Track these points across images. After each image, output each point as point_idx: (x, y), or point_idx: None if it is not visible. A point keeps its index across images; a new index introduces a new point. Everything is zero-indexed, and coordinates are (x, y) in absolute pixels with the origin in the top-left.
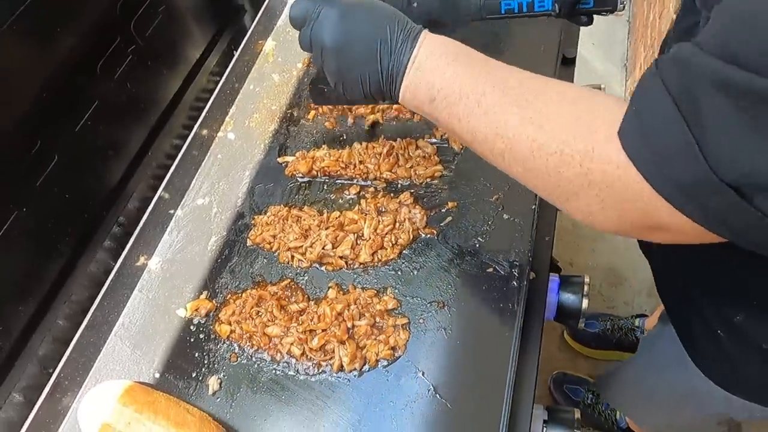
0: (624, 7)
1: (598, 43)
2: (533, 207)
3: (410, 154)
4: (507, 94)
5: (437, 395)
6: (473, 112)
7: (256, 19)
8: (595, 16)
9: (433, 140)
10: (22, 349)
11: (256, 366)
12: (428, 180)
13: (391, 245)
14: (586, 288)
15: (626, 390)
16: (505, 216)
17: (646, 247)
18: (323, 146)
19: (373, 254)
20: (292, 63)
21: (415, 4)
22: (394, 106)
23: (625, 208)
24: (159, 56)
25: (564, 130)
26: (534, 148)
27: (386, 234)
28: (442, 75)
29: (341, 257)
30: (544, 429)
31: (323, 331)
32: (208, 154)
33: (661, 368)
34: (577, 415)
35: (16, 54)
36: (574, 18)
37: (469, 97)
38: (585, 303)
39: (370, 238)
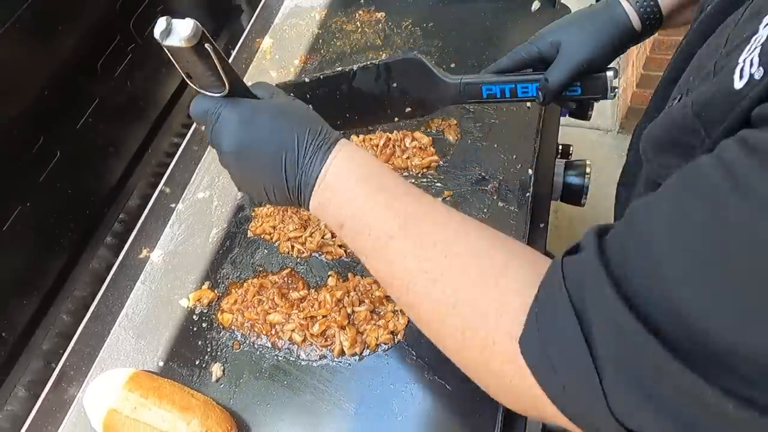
0: (615, 95)
1: None
2: (527, 195)
3: (406, 145)
4: (415, 245)
5: (436, 377)
6: (379, 255)
7: (254, 17)
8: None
9: (429, 131)
10: (26, 343)
11: (258, 353)
12: (424, 170)
13: None
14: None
15: None
16: (500, 204)
17: None
18: None
19: None
20: (289, 60)
21: (395, 85)
22: None
23: (522, 401)
24: (158, 55)
25: (471, 313)
26: (439, 321)
27: None
28: (352, 201)
29: (340, 246)
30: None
31: (324, 317)
32: (208, 149)
33: None
34: None
35: (18, 52)
36: (563, 105)
37: (379, 238)
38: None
39: None
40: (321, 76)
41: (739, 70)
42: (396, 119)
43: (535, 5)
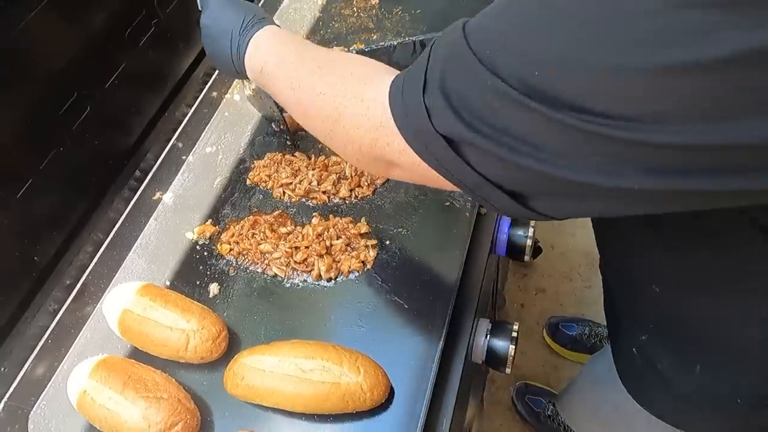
0: None
1: None
2: None
3: None
4: (308, 61)
5: (396, 298)
6: (284, 75)
7: (261, 2)
8: None
9: None
10: (54, 267)
11: (249, 276)
12: None
13: (367, 184)
14: (531, 230)
15: (573, 401)
16: None
17: (601, 267)
18: None
19: (351, 191)
20: None
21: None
22: None
23: (367, 141)
24: (177, 31)
25: (340, 81)
26: (313, 95)
27: (363, 174)
28: (271, 51)
29: (324, 192)
30: (488, 336)
31: (306, 247)
32: (217, 112)
33: (597, 382)
34: (515, 333)
35: (58, 21)
36: None
37: (284, 66)
38: (529, 241)
39: (350, 177)
40: (367, 50)
41: None
42: None
43: None
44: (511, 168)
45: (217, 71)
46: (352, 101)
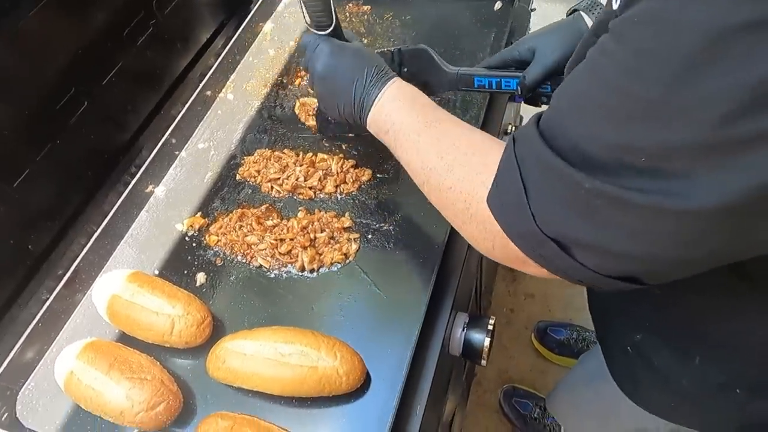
0: None
1: None
2: None
3: None
4: (434, 137)
5: (375, 289)
6: (411, 148)
7: (258, 3)
8: None
9: None
10: (48, 256)
11: (235, 267)
12: None
13: (352, 180)
14: (490, 326)
15: (564, 399)
16: None
17: None
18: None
19: (336, 187)
20: (286, 41)
21: (405, 69)
22: None
23: (497, 242)
24: (174, 32)
25: (461, 173)
26: (441, 182)
27: (349, 171)
28: (397, 114)
29: (310, 188)
30: (464, 329)
31: (291, 240)
32: (210, 110)
33: (589, 379)
34: (490, 326)
35: (59, 19)
36: (538, 99)
37: (410, 135)
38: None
39: (335, 174)
40: None
41: None
42: None
43: (498, 5)
44: (624, 259)
45: (211, 71)
46: (480, 206)
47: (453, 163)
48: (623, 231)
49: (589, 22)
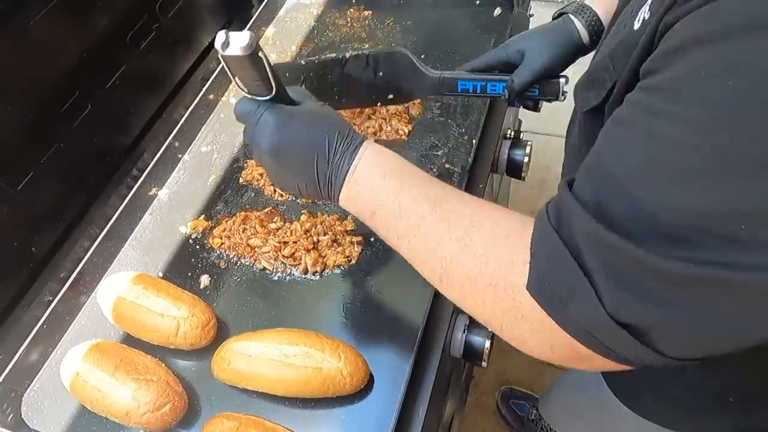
0: (564, 98)
1: None
2: (469, 159)
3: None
4: (445, 219)
5: (377, 291)
6: (413, 233)
7: (260, 8)
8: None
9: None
10: (51, 257)
11: (238, 269)
12: (395, 137)
13: None
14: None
15: (557, 403)
16: (447, 165)
17: None
18: None
19: None
20: (288, 46)
21: (380, 74)
22: None
23: (555, 342)
24: (177, 36)
25: (497, 263)
26: (472, 277)
27: None
28: (381, 191)
29: None
30: (465, 332)
31: (294, 242)
32: (213, 113)
33: (583, 385)
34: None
35: (64, 23)
36: (522, 102)
37: (410, 218)
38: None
39: None
40: (316, 60)
41: (639, 17)
42: (378, 104)
43: (497, 11)
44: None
45: (214, 75)
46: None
47: (485, 254)
48: (715, 313)
49: (579, 25)
